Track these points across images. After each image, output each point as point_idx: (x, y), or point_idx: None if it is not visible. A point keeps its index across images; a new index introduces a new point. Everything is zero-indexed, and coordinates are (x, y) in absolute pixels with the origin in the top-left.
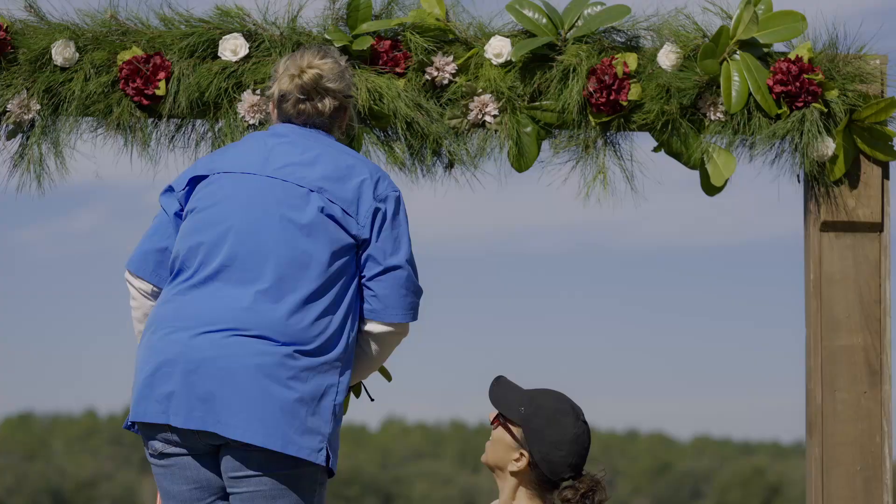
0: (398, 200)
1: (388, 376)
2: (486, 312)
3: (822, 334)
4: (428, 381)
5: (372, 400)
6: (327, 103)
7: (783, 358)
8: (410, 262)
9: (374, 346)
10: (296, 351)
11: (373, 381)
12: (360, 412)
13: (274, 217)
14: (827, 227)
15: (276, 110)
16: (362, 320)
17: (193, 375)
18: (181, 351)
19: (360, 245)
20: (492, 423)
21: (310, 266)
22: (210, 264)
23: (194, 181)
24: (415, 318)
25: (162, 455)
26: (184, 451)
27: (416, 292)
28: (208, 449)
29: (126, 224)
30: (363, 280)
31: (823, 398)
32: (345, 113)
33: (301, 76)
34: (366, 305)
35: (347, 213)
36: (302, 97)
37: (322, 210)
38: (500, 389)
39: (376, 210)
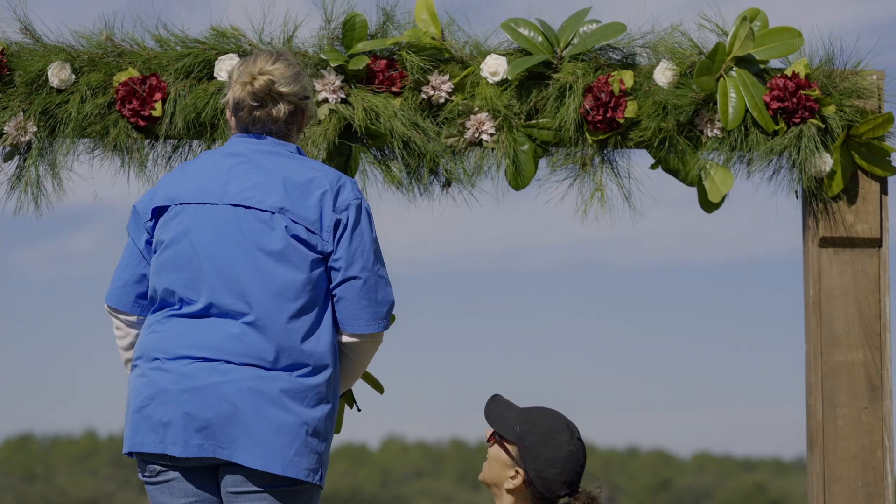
0: (359, 208)
1: (379, 389)
2: (486, 329)
3: (822, 350)
4: (427, 399)
5: (359, 410)
6: (282, 108)
7: (783, 374)
8: (373, 270)
9: (349, 355)
10: (290, 374)
11: (370, 399)
12: (360, 431)
13: (243, 249)
14: (826, 242)
15: (233, 118)
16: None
17: (189, 404)
18: (176, 379)
19: (326, 258)
20: (488, 440)
21: (288, 291)
22: (192, 304)
23: (157, 212)
24: (379, 328)
25: (159, 474)
26: (181, 469)
27: (380, 302)
28: (206, 465)
29: (124, 245)
30: (331, 289)
31: (824, 414)
32: (302, 115)
33: (253, 83)
34: (336, 315)
35: (311, 231)
36: (255, 104)
37: (287, 230)
38: (496, 408)
39: (337, 222)
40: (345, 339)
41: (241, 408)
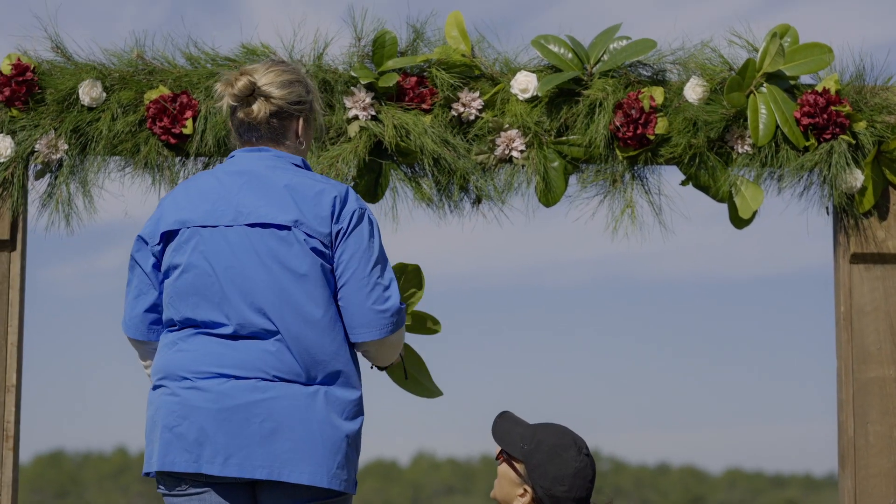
0: (361, 217)
1: (402, 376)
2: (516, 346)
3: (853, 366)
4: (458, 416)
5: (406, 378)
6: (260, 107)
7: (815, 390)
8: (369, 277)
9: (367, 357)
10: (328, 388)
11: (400, 416)
12: (391, 447)
13: (266, 268)
14: (857, 258)
15: (232, 129)
16: None
17: (228, 423)
18: (214, 398)
19: (333, 267)
20: (497, 458)
21: (314, 305)
22: (220, 327)
23: (165, 236)
24: (381, 335)
25: (188, 490)
26: (214, 485)
27: (380, 309)
28: (242, 481)
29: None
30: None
31: (856, 430)
32: (295, 121)
33: (234, 84)
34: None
35: (324, 244)
36: (235, 104)
37: (305, 243)
38: (503, 424)
39: (339, 231)
40: (356, 346)
41: (284, 424)
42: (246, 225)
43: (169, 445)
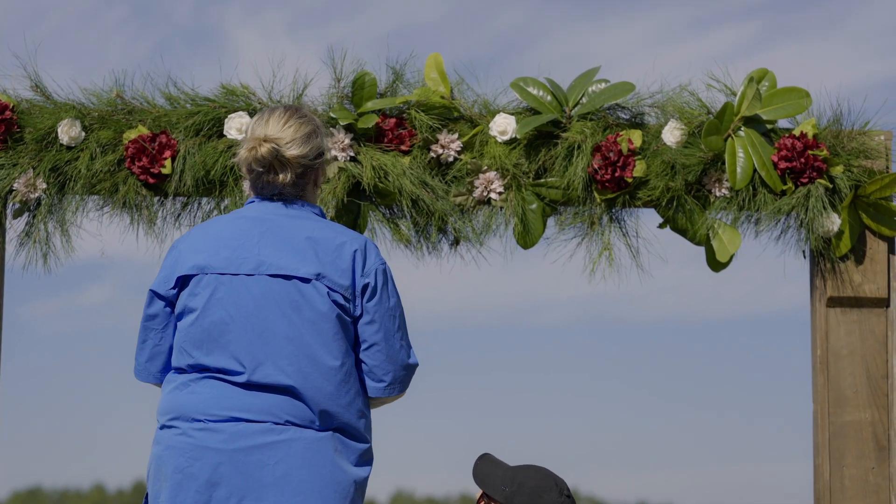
0: (385, 273)
1: None
2: (495, 385)
3: (829, 409)
4: (436, 455)
5: None
6: (288, 175)
7: (791, 432)
8: (396, 336)
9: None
10: (340, 435)
11: (378, 455)
12: (369, 487)
13: (287, 319)
14: (833, 302)
15: (248, 176)
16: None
17: (243, 465)
18: (227, 439)
19: (355, 321)
20: (478, 502)
21: (332, 358)
22: (235, 375)
23: (181, 280)
24: (399, 391)
25: None
26: None
27: (403, 367)
28: None
29: (139, 298)
30: (357, 352)
31: (831, 473)
32: (315, 172)
33: (258, 148)
34: (362, 377)
35: (346, 298)
36: (261, 170)
37: (328, 296)
38: (485, 467)
39: (365, 286)
40: (371, 399)
41: (295, 467)
42: (268, 275)
43: (179, 486)
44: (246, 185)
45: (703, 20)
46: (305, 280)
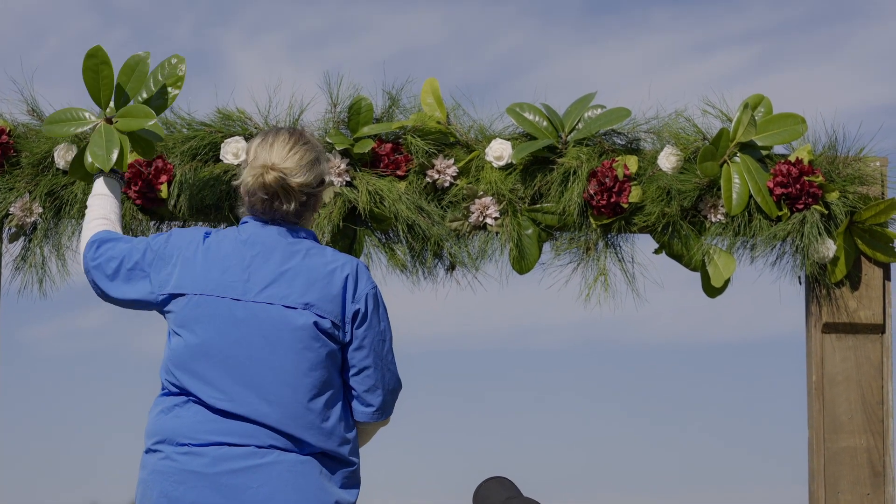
0: (375, 298)
1: None
2: (490, 409)
3: (824, 436)
4: (431, 479)
5: None
6: (293, 204)
7: (786, 458)
8: (385, 360)
9: (359, 436)
10: (325, 458)
11: (370, 482)
12: None
13: (270, 346)
14: (829, 328)
15: (245, 198)
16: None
17: (226, 488)
18: (210, 463)
19: (344, 347)
20: None
21: (316, 386)
22: (218, 400)
23: (172, 295)
24: (387, 415)
25: None
26: None
27: (391, 390)
28: None
29: (136, 320)
30: (344, 377)
31: (826, 500)
32: (317, 199)
33: (264, 176)
34: (350, 402)
35: (336, 325)
36: (266, 197)
37: (315, 325)
38: (486, 490)
39: (356, 312)
40: (358, 423)
41: (279, 490)
42: (253, 301)
43: None
44: (240, 211)
45: (704, 44)
46: (292, 308)
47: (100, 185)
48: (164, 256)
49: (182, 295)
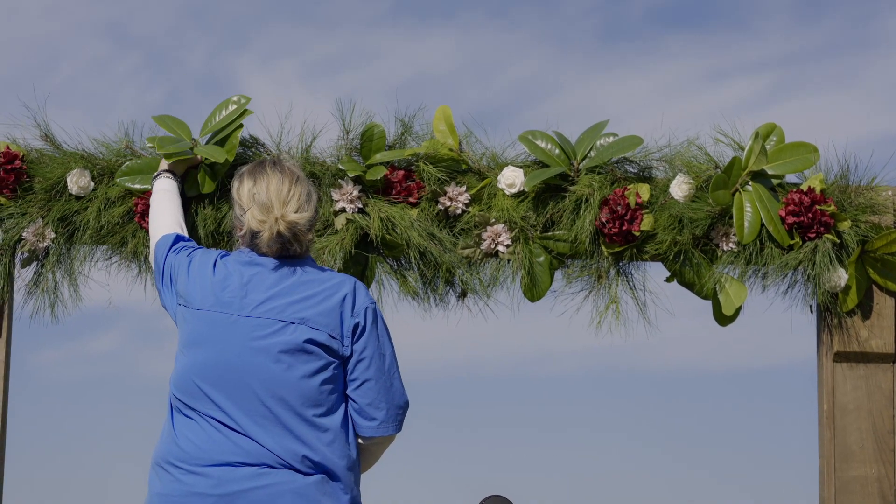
0: (375, 312)
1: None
2: (499, 437)
3: (835, 464)
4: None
5: None
6: (303, 245)
7: (797, 487)
8: (388, 373)
9: (363, 454)
10: (325, 476)
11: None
12: None
13: (265, 361)
14: (840, 357)
15: (245, 237)
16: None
17: None
18: (215, 484)
19: (345, 361)
20: None
21: (313, 398)
22: (223, 415)
23: (181, 306)
24: (393, 430)
25: None
26: None
27: (395, 404)
28: None
29: (148, 343)
30: (347, 392)
31: None
32: (313, 227)
33: (277, 224)
34: (352, 417)
35: (333, 337)
36: (276, 245)
37: (310, 341)
38: None
39: (356, 326)
40: (360, 440)
41: None
42: (248, 317)
43: None
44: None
45: (717, 73)
46: (289, 324)
47: (166, 183)
48: (185, 270)
49: (187, 307)
